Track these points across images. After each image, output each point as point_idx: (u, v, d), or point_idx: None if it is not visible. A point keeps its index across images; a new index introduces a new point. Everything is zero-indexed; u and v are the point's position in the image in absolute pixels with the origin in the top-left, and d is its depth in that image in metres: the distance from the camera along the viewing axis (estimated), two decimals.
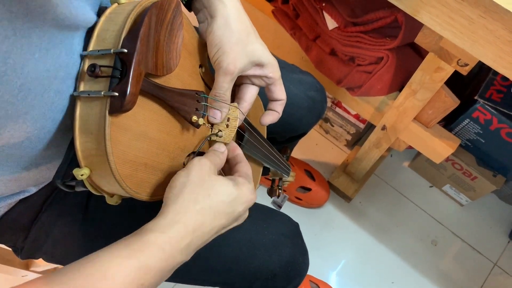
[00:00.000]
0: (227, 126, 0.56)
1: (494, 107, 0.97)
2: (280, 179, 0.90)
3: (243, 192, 0.46)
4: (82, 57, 0.40)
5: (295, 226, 0.71)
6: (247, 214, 0.49)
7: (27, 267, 1.03)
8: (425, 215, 1.30)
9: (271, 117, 0.57)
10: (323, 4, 0.91)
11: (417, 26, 0.76)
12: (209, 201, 0.43)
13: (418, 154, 1.32)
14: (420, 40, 0.74)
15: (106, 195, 0.45)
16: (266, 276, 0.64)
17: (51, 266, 1.08)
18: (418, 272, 1.21)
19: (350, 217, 1.28)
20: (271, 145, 0.71)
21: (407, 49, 0.93)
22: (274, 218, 0.68)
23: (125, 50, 0.38)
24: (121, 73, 0.38)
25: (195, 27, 0.54)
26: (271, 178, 0.91)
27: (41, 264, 1.05)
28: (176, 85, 0.48)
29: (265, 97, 0.73)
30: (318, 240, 1.24)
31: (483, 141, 1.07)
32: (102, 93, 0.37)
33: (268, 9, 1.05)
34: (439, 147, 0.93)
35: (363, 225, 1.27)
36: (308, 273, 1.14)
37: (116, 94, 0.37)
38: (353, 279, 1.20)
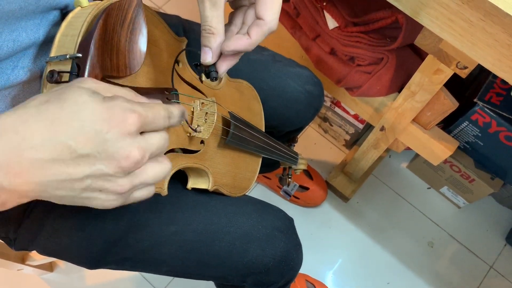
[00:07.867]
0: (205, 121, 0.55)
1: (493, 110, 0.96)
2: (290, 167, 0.90)
3: (106, 106, 0.31)
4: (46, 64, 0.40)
5: (290, 220, 0.71)
6: (130, 147, 0.32)
7: (22, 261, 1.03)
8: (422, 216, 1.30)
9: (239, 41, 0.46)
10: (324, 4, 0.90)
11: (417, 27, 0.75)
12: (35, 102, 0.31)
13: (417, 155, 1.31)
14: (420, 42, 0.74)
15: None
16: (260, 270, 0.64)
17: (47, 260, 1.08)
18: (414, 273, 1.21)
19: (347, 217, 1.28)
20: (269, 137, 0.71)
21: (407, 50, 0.93)
22: (269, 212, 0.68)
23: (80, 55, 0.38)
24: (77, 77, 0.38)
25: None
26: (282, 166, 0.92)
27: (37, 258, 1.05)
28: (144, 84, 0.47)
29: (259, 90, 0.72)
30: (315, 240, 1.24)
31: (482, 144, 1.07)
32: None
33: None
34: (437, 149, 0.93)
35: (360, 225, 1.27)
36: (304, 272, 1.14)
37: None
38: (349, 278, 1.20)
